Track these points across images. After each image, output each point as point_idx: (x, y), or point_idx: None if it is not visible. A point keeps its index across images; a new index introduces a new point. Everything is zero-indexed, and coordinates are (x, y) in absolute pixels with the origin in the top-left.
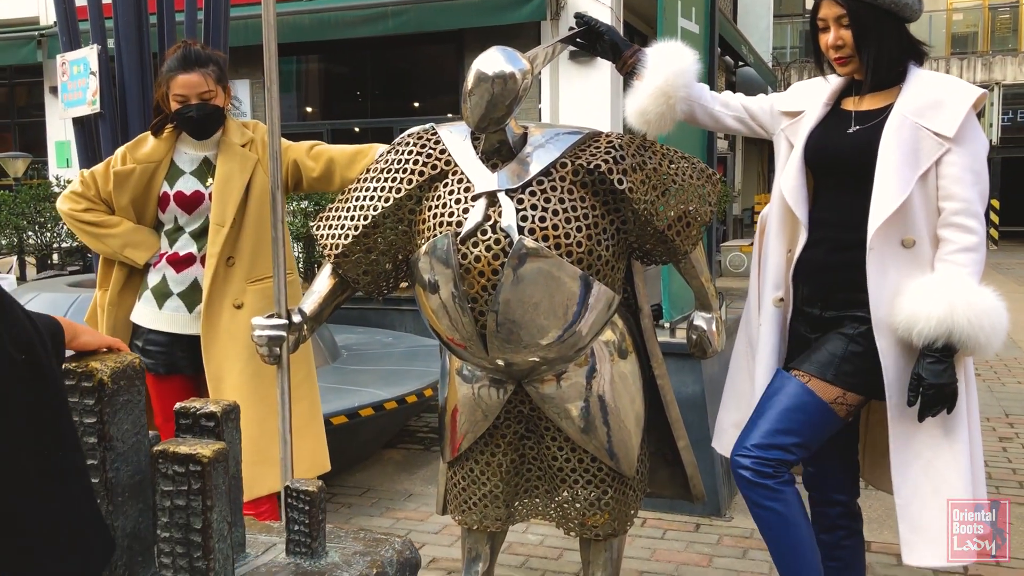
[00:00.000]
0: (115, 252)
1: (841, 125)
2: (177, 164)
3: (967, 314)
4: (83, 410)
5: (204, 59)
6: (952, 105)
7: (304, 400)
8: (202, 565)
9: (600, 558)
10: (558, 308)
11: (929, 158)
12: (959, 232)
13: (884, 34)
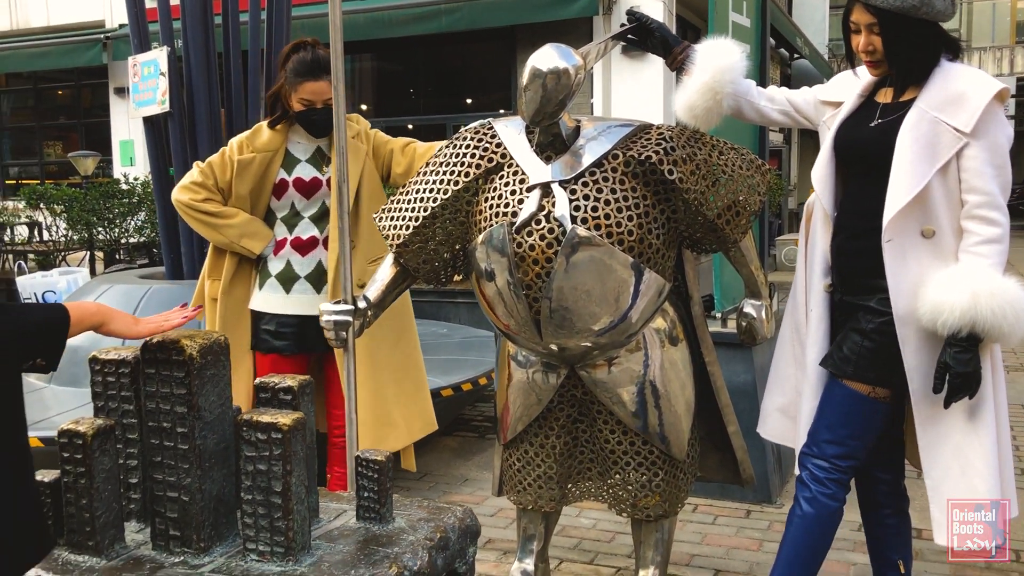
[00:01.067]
0: (232, 242)
1: (868, 117)
2: (292, 153)
3: (990, 304)
4: (173, 382)
5: (329, 65)
6: (971, 99)
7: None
8: (282, 525)
9: (651, 538)
10: (609, 295)
11: (948, 151)
12: (982, 224)
13: (914, 40)
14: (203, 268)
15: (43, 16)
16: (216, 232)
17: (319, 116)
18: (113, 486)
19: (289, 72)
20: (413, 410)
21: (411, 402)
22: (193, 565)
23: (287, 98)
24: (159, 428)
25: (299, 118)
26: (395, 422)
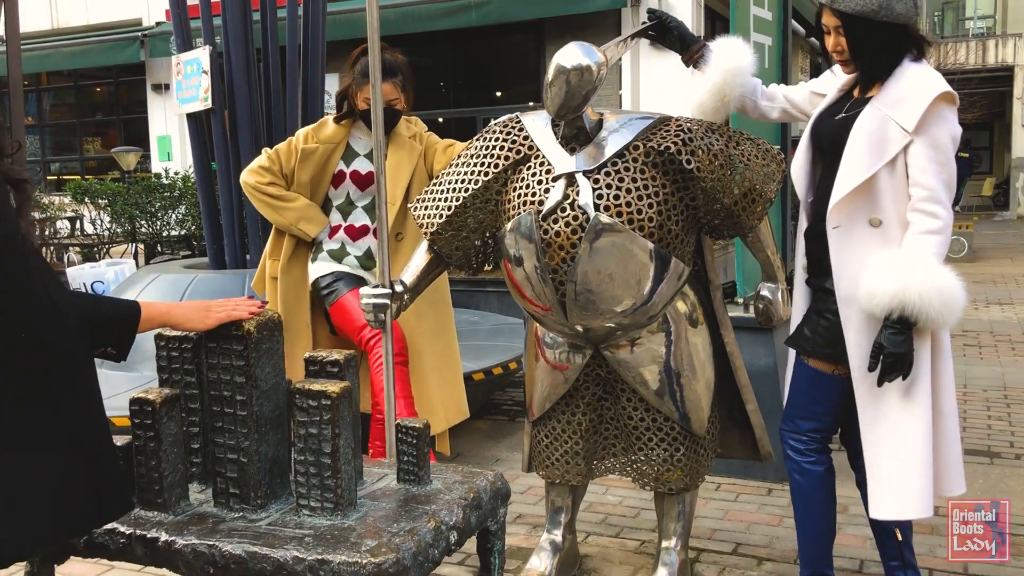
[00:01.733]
0: (290, 224)
1: (838, 110)
2: (352, 147)
3: (919, 290)
4: (233, 355)
5: (395, 69)
6: (917, 100)
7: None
8: (331, 483)
9: (674, 511)
10: (631, 278)
11: (895, 147)
12: (923, 216)
13: (878, 42)
14: (264, 249)
15: (82, 15)
16: (277, 213)
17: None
18: (179, 449)
19: (356, 73)
20: (450, 397)
21: (449, 390)
22: (251, 520)
23: (353, 97)
24: (220, 397)
25: (363, 116)
26: (434, 408)
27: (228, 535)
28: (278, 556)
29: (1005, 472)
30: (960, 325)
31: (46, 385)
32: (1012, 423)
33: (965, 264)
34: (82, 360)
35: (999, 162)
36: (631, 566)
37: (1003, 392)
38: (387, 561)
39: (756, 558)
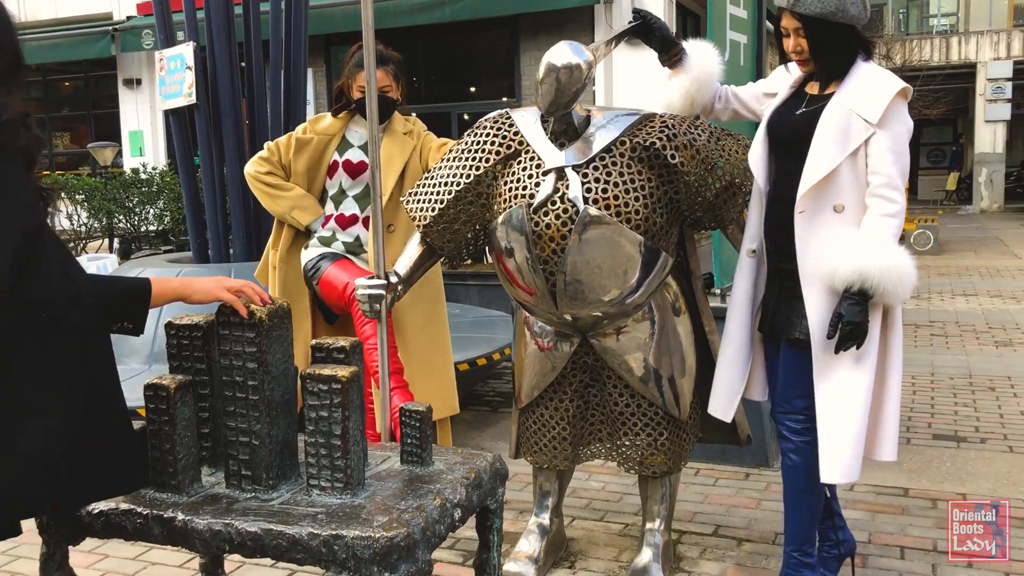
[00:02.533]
0: (284, 213)
1: (795, 106)
2: (347, 139)
3: (879, 264)
4: (245, 342)
5: (386, 59)
6: (879, 95)
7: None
8: (341, 463)
9: (657, 493)
10: (618, 269)
11: (858, 138)
12: (882, 201)
13: (835, 42)
14: (268, 240)
15: (51, 8)
16: (272, 201)
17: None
18: (192, 433)
19: (351, 65)
20: (435, 391)
21: (435, 383)
22: (264, 500)
23: (349, 89)
24: (232, 382)
25: (359, 106)
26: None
27: (243, 514)
28: (293, 532)
29: (971, 456)
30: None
31: (63, 359)
32: (977, 409)
33: (931, 257)
34: (97, 336)
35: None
36: (616, 548)
37: (968, 380)
38: (399, 535)
39: (736, 539)
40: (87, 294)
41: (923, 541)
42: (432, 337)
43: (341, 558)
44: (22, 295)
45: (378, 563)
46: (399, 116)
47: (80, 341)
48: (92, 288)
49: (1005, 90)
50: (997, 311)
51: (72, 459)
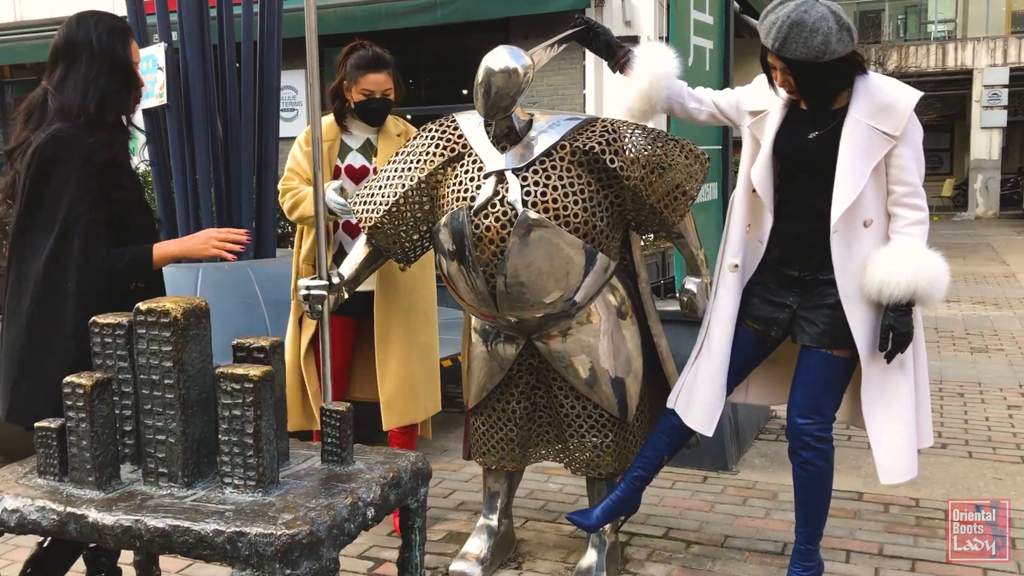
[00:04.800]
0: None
1: (802, 128)
2: (346, 143)
3: (927, 277)
4: (161, 340)
5: (387, 62)
6: (899, 108)
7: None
8: (253, 462)
9: (603, 495)
10: (558, 271)
11: (880, 152)
12: (910, 210)
13: (823, 78)
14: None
15: (46, 8)
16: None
17: (377, 105)
18: (110, 430)
19: (350, 67)
20: (429, 390)
21: (429, 383)
22: (178, 496)
23: (347, 91)
24: (149, 380)
25: (358, 108)
26: (417, 397)
27: (154, 511)
28: (199, 529)
29: (929, 460)
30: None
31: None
32: (943, 415)
33: None
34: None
35: (959, 164)
36: (565, 549)
37: (939, 386)
38: (301, 533)
39: (685, 541)
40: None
41: (869, 545)
42: (430, 336)
43: (244, 555)
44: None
45: (280, 560)
46: (391, 118)
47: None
48: (105, 262)
49: (1001, 96)
50: (977, 317)
51: None
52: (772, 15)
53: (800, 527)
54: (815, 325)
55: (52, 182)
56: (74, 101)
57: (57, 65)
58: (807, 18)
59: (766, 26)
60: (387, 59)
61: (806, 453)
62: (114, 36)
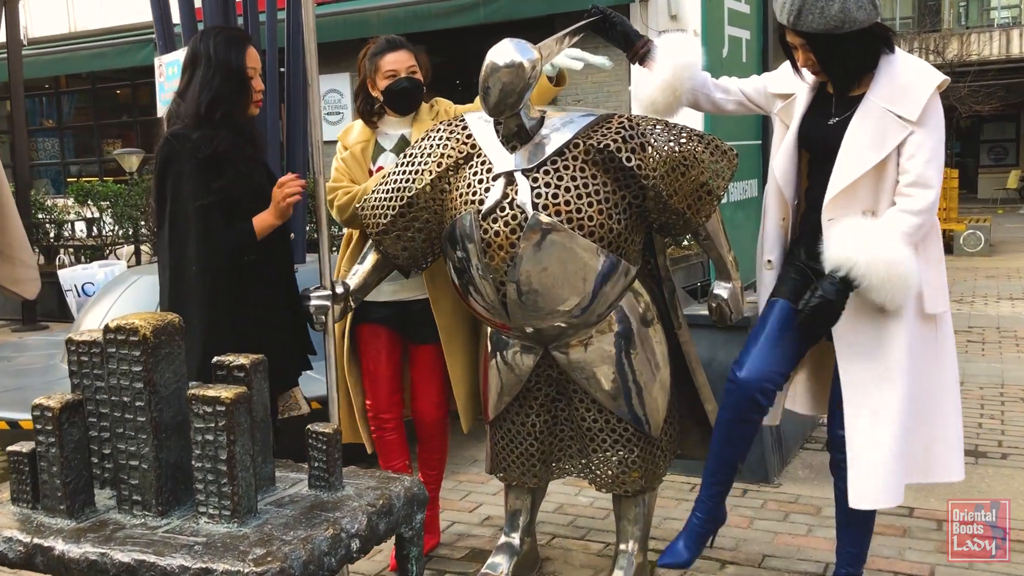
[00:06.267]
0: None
1: (825, 113)
2: (380, 143)
3: (868, 256)
4: (131, 360)
5: (403, 42)
6: (917, 90)
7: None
8: (228, 490)
9: (631, 513)
10: (572, 277)
11: (896, 138)
12: (907, 199)
13: (847, 52)
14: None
15: (98, 18)
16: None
17: (407, 83)
18: (82, 455)
19: (368, 59)
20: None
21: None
22: (151, 526)
23: (372, 86)
24: (121, 402)
25: (387, 96)
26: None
27: (123, 543)
28: (165, 564)
29: (988, 472)
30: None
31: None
32: (1004, 421)
33: (981, 259)
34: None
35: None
36: (592, 569)
37: (1000, 390)
38: (270, 571)
39: (720, 561)
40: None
41: (920, 567)
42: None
43: None
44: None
45: None
46: (424, 105)
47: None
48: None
49: None
50: None
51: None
52: None
53: (842, 548)
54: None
55: (169, 179)
56: (191, 104)
57: (185, 75)
58: None
59: (778, 1)
60: (403, 40)
61: None
62: (230, 45)
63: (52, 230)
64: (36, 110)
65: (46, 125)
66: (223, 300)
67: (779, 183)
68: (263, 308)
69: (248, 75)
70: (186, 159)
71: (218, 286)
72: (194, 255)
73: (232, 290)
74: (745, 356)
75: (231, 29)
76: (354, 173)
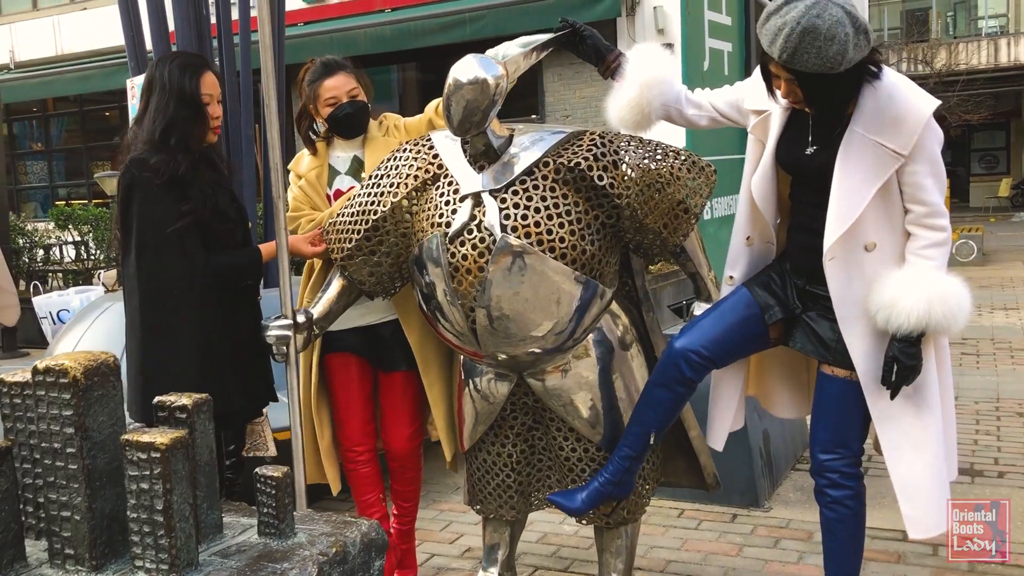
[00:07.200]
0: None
1: (801, 140)
2: (333, 167)
3: (942, 309)
4: (61, 404)
5: (342, 64)
6: (908, 123)
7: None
8: (165, 542)
9: (613, 545)
10: (544, 302)
11: (887, 171)
12: (928, 230)
13: (831, 87)
14: None
15: (85, 41)
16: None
17: (349, 108)
18: (11, 506)
19: (306, 85)
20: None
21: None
22: None
23: (316, 112)
24: (51, 449)
25: (332, 122)
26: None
27: None
28: None
29: (984, 492)
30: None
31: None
32: (1000, 438)
33: (974, 268)
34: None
35: (1016, 162)
36: None
37: (995, 404)
38: None
39: None
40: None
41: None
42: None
43: None
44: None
45: None
46: (372, 122)
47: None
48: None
49: None
50: None
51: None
52: (776, 19)
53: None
54: (816, 335)
55: (134, 205)
56: (147, 130)
57: (142, 102)
58: (820, 24)
59: (769, 32)
60: (341, 61)
61: (834, 492)
62: (184, 71)
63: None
64: (25, 133)
65: (34, 148)
66: (213, 323)
67: (759, 205)
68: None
69: (203, 101)
70: (148, 184)
71: (207, 308)
72: (176, 281)
73: (220, 312)
74: (686, 328)
75: (188, 55)
76: (313, 200)
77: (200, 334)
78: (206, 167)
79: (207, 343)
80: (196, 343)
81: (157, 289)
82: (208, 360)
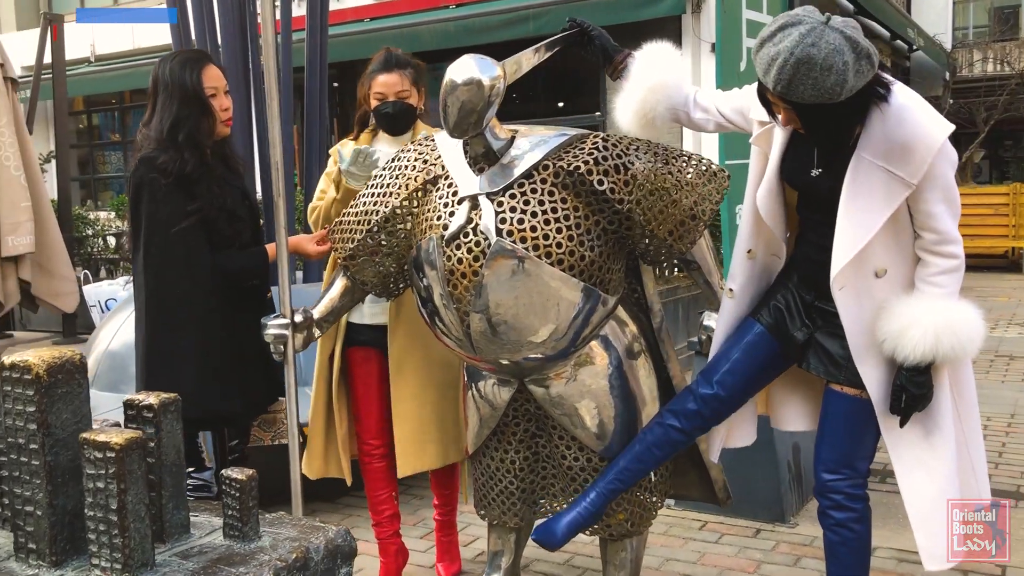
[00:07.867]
0: None
1: (806, 160)
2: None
3: (951, 341)
4: (25, 400)
5: (403, 62)
6: (918, 151)
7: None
8: (119, 542)
9: (617, 558)
10: (541, 308)
11: (898, 198)
12: (939, 258)
13: (832, 117)
14: None
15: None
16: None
17: (391, 108)
18: None
19: (366, 75)
20: (450, 435)
21: (450, 426)
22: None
23: (366, 100)
24: (16, 444)
25: (375, 116)
26: (428, 442)
27: None
28: None
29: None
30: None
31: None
32: None
33: None
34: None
35: None
36: None
37: (1008, 420)
38: None
39: None
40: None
41: None
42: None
43: None
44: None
45: None
46: (424, 128)
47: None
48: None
49: None
50: None
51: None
52: (769, 47)
53: None
54: (825, 352)
55: (143, 203)
56: (155, 129)
57: (149, 102)
58: (816, 53)
59: (762, 61)
60: (402, 59)
61: (838, 514)
62: (184, 66)
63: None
64: (106, 124)
65: (112, 139)
66: (215, 322)
67: (767, 222)
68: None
69: (207, 94)
70: (156, 184)
71: (210, 307)
72: (181, 279)
73: (225, 311)
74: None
75: (188, 51)
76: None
77: (201, 332)
78: (218, 163)
79: (208, 341)
80: (197, 341)
81: (161, 287)
82: (208, 359)
